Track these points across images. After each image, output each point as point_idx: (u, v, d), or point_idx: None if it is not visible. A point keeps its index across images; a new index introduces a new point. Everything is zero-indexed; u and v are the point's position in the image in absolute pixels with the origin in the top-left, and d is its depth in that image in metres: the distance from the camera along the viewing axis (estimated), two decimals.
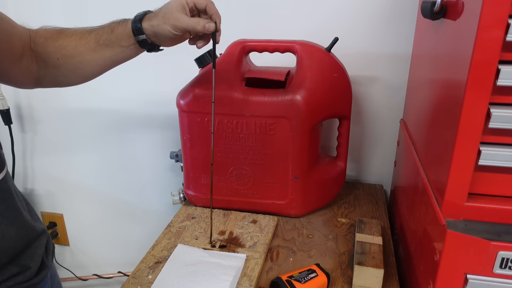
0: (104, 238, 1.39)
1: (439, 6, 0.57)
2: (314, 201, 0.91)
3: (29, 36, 0.66)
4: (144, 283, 0.69)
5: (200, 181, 0.91)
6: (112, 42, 0.66)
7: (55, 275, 0.72)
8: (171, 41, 0.68)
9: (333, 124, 1.01)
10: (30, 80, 0.69)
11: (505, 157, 0.48)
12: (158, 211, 1.29)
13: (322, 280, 0.68)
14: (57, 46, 0.66)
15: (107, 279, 1.41)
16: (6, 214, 0.57)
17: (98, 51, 0.67)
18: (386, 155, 1.05)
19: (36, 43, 0.66)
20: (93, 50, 0.67)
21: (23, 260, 0.60)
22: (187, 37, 0.70)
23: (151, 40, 0.67)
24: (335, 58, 0.84)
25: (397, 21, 0.91)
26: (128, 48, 0.67)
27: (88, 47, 0.66)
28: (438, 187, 0.57)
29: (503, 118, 0.47)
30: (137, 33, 0.65)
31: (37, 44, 0.66)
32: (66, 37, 0.67)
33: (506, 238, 0.50)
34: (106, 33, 0.66)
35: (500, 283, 0.51)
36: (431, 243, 0.58)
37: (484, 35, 0.44)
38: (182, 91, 0.85)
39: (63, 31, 0.68)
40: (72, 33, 0.67)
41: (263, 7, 0.97)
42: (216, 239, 0.81)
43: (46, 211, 1.39)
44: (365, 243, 0.72)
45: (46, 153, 1.30)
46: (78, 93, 1.17)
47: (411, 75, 0.88)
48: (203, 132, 0.86)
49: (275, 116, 0.81)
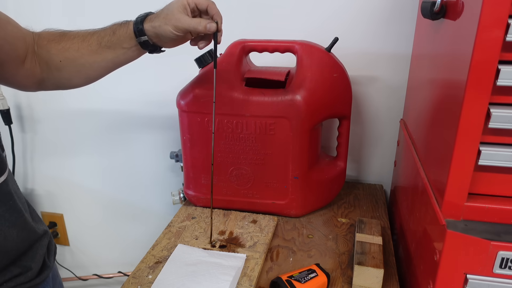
0: (104, 238, 1.39)
1: (439, 6, 0.57)
2: (314, 201, 0.91)
3: (32, 38, 0.67)
4: (144, 283, 0.69)
5: (200, 181, 0.91)
6: (114, 44, 0.67)
7: (57, 276, 0.72)
8: (172, 42, 0.69)
9: (333, 124, 1.01)
10: (33, 82, 0.69)
11: (505, 157, 0.48)
12: (158, 211, 1.29)
13: (322, 280, 0.68)
14: (59, 48, 0.67)
15: (107, 279, 1.41)
16: (7, 216, 0.57)
17: (100, 53, 0.67)
18: (386, 155, 1.05)
19: (39, 46, 0.67)
20: (95, 52, 0.67)
21: (24, 261, 0.60)
22: (189, 38, 0.70)
23: (153, 42, 0.67)
24: (335, 58, 0.84)
25: (397, 21, 0.91)
26: (130, 49, 0.68)
27: (90, 49, 0.67)
28: (438, 187, 0.57)
29: (503, 118, 0.47)
30: (139, 34, 0.66)
31: (40, 46, 0.67)
32: (68, 40, 0.67)
33: (506, 238, 0.50)
34: (108, 35, 0.66)
35: (500, 283, 0.51)
36: (431, 243, 0.58)
37: (484, 35, 0.44)
38: (182, 91, 0.85)
39: (66, 34, 0.68)
40: (75, 36, 0.67)
41: (263, 7, 0.97)
42: (216, 239, 0.81)
43: (46, 211, 1.39)
44: (365, 243, 0.72)
45: (46, 153, 1.30)
46: (78, 93, 1.17)
47: (411, 75, 0.88)
48: (203, 132, 0.86)
49: (275, 116, 0.81)
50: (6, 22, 0.61)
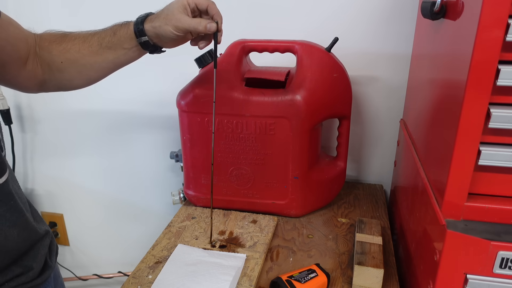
0: (104, 238, 1.39)
1: (439, 6, 0.57)
2: (314, 201, 0.91)
3: (34, 40, 0.67)
4: (144, 283, 0.69)
5: (200, 181, 0.91)
6: (115, 45, 0.67)
7: (58, 276, 0.72)
8: (173, 42, 0.69)
9: (333, 124, 1.01)
10: (34, 84, 0.69)
11: (505, 157, 0.48)
12: (158, 211, 1.29)
13: (322, 280, 0.68)
14: (61, 49, 0.67)
15: (107, 279, 1.41)
16: (8, 216, 0.57)
17: (101, 54, 0.67)
18: (386, 155, 1.05)
19: (41, 47, 0.67)
20: (96, 53, 0.67)
21: (26, 261, 0.60)
22: (189, 38, 0.70)
23: (153, 42, 0.67)
24: (335, 58, 0.84)
25: (397, 21, 0.91)
26: (131, 50, 0.68)
27: (91, 50, 0.67)
28: (438, 187, 0.57)
29: (503, 118, 0.47)
30: (139, 35, 0.66)
31: (41, 48, 0.67)
32: (69, 41, 0.67)
33: (506, 238, 0.50)
34: (109, 35, 0.67)
35: (500, 283, 0.51)
36: (431, 243, 0.58)
37: (484, 35, 0.44)
38: (182, 91, 0.85)
39: (67, 35, 0.68)
40: (76, 37, 0.68)
41: (263, 7, 0.97)
42: (216, 239, 0.81)
43: (46, 211, 1.39)
44: (365, 243, 0.72)
45: (46, 153, 1.30)
46: (79, 94, 1.17)
47: (411, 75, 0.88)
48: (203, 132, 0.86)
49: (275, 116, 0.81)
50: (8, 23, 0.61)
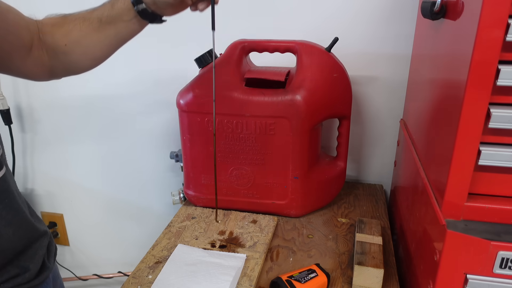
0: (104, 238, 1.39)
1: (439, 6, 0.57)
2: (314, 201, 0.91)
3: (36, 26, 0.66)
4: (144, 283, 0.69)
5: (200, 181, 0.91)
6: (114, 19, 0.66)
7: (58, 277, 0.72)
8: (171, 8, 0.67)
9: (333, 124, 1.01)
10: (43, 71, 0.69)
11: (505, 157, 0.48)
12: (158, 211, 1.29)
13: (322, 280, 0.68)
14: (63, 32, 0.66)
15: (107, 279, 1.41)
16: (4, 214, 0.56)
17: (102, 30, 0.67)
18: (386, 155, 1.05)
19: (44, 33, 0.66)
20: (97, 29, 0.66)
21: (22, 262, 0.60)
22: (188, 4, 0.67)
23: (151, 10, 0.66)
24: (335, 58, 0.84)
25: (397, 21, 0.91)
26: (131, 22, 0.67)
27: (92, 27, 0.66)
28: (438, 187, 0.57)
29: (503, 118, 0.47)
30: (137, 2, 0.65)
31: (44, 33, 0.66)
32: (70, 22, 0.67)
33: (506, 238, 0.50)
34: (107, 10, 0.66)
35: (500, 283, 0.51)
36: (431, 243, 0.58)
37: (484, 35, 0.44)
38: (182, 91, 0.85)
39: (67, 17, 0.68)
40: (76, 17, 0.67)
41: (263, 7, 0.97)
42: (216, 239, 0.81)
43: (46, 211, 1.39)
44: (365, 243, 0.72)
45: (46, 153, 1.30)
46: (79, 94, 1.18)
47: (411, 75, 0.88)
48: (203, 132, 0.86)
49: (275, 116, 0.81)
50: (7, 11, 0.61)
